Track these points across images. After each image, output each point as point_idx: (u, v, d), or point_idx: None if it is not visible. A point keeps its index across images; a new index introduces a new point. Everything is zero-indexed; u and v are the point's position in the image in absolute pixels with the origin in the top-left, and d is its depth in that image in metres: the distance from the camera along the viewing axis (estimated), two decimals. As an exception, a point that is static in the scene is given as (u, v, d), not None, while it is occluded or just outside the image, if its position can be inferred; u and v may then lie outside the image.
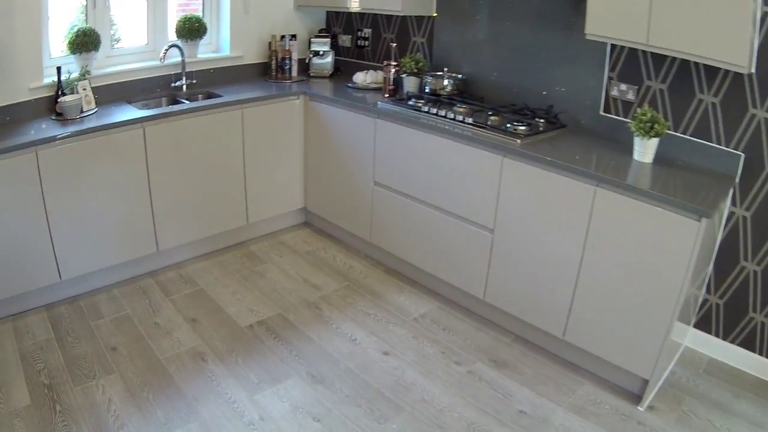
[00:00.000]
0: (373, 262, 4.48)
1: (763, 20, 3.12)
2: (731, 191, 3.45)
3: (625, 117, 3.76)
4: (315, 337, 3.53)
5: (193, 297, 4.04)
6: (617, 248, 3.15)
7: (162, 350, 3.46)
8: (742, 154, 3.44)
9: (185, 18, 4.67)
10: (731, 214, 3.57)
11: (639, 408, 3.24)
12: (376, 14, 4.92)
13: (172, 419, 2.93)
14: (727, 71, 3.36)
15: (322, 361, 3.34)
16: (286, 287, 4.10)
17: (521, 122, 3.74)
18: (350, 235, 4.66)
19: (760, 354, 3.69)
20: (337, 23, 5.24)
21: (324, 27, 5.24)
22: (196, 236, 4.47)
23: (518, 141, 3.51)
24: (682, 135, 3.59)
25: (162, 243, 4.26)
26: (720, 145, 3.51)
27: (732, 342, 3.77)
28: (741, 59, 2.98)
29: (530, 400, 3.21)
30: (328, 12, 5.33)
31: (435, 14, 4.54)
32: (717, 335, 3.82)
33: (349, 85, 4.67)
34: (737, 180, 3.47)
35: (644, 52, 3.63)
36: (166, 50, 4.47)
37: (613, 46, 3.75)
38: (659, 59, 3.60)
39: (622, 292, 3.19)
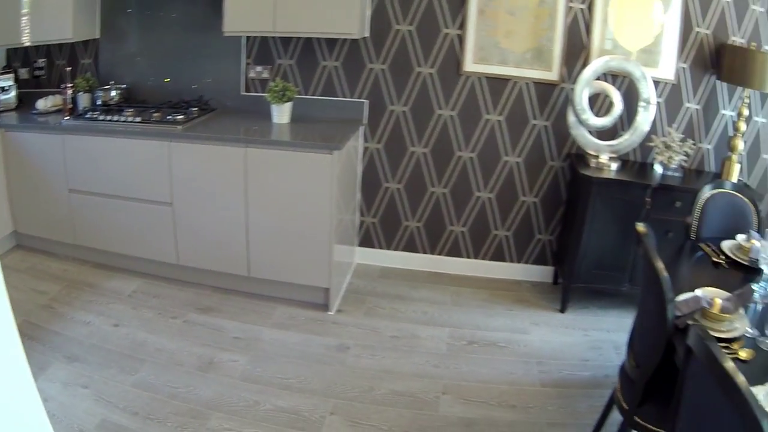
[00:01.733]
0: (80, 261, 5.22)
1: None
2: (362, 130, 4.73)
3: (264, 92, 4.76)
4: (58, 329, 4.17)
5: None
6: (274, 192, 4.18)
7: None
8: (366, 101, 4.72)
9: None
10: (366, 148, 4.88)
11: (329, 313, 4.33)
12: (48, 45, 5.62)
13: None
14: (344, 40, 4.60)
15: (71, 344, 3.91)
16: (20, 298, 4.78)
17: (178, 113, 4.62)
18: (59, 244, 5.32)
19: (423, 252, 5.07)
20: (15, 58, 5.87)
21: (6, 64, 5.84)
22: None
23: (179, 127, 4.37)
24: (312, 96, 4.77)
25: None
26: (346, 97, 4.75)
27: (396, 249, 5.09)
28: (353, 29, 4.23)
29: (240, 329, 4.11)
30: (7, 49, 5.91)
31: (98, 36, 5.37)
32: (381, 247, 5.11)
33: (33, 112, 5.34)
34: (365, 122, 4.79)
35: (273, 38, 4.71)
36: None
37: (248, 37, 4.79)
38: (286, 41, 4.70)
39: (287, 226, 4.22)
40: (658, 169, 4.45)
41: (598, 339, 4.28)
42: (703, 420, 1.93)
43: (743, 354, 2.25)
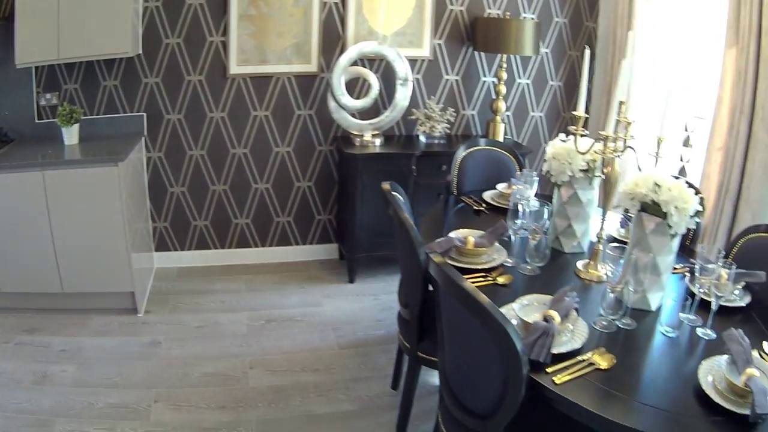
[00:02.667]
0: None
1: (144, 13, 4.93)
2: (143, 141, 5.16)
3: (55, 117, 5.02)
4: None
5: None
6: (72, 209, 4.54)
7: None
8: (145, 113, 5.17)
9: None
10: (150, 158, 5.37)
11: (139, 315, 4.77)
12: None
13: None
14: (121, 59, 5.01)
15: None
16: None
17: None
18: None
19: (215, 248, 5.65)
20: None
21: None
22: None
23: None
24: (97, 116, 5.11)
25: None
26: (127, 113, 5.14)
27: (189, 249, 5.63)
28: (125, 47, 4.69)
29: (64, 342, 4.43)
30: None
31: None
32: (176, 249, 5.60)
33: None
34: (146, 133, 5.27)
35: (59, 65, 5.00)
36: None
37: (37, 67, 5.03)
38: (70, 66, 5.00)
39: (89, 240, 4.61)
40: (423, 138, 5.31)
41: (388, 301, 5.08)
42: (460, 338, 2.56)
43: (501, 279, 2.95)
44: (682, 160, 4.72)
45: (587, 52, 3.22)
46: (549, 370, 2.25)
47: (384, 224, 4.92)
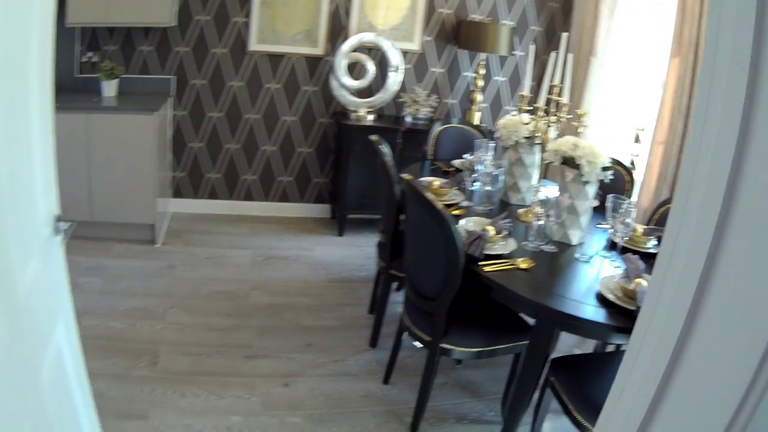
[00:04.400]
0: None
1: None
2: (170, 101, 6.14)
3: (94, 73, 5.91)
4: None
5: None
6: (111, 149, 5.43)
7: None
8: (173, 77, 6.17)
9: None
10: (175, 116, 6.37)
11: (156, 245, 5.68)
12: None
13: None
14: (158, 28, 5.94)
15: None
16: None
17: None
18: None
19: (224, 199, 6.58)
20: None
21: None
22: None
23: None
24: (132, 76, 6.06)
25: None
26: (158, 75, 6.11)
27: (201, 198, 6.60)
28: (164, 19, 5.60)
29: (89, 262, 5.29)
30: None
31: None
32: (189, 197, 6.55)
33: None
34: (174, 94, 6.27)
35: (102, 28, 5.92)
36: None
37: (82, 28, 5.92)
38: (112, 30, 5.92)
39: (121, 176, 5.50)
40: (408, 119, 6.31)
41: (369, 251, 5.98)
42: (419, 237, 3.45)
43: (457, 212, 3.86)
44: (632, 154, 5.63)
45: (532, 47, 4.25)
46: (480, 263, 3.17)
47: (371, 188, 5.97)
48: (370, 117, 6.24)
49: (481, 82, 6.40)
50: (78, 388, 2.35)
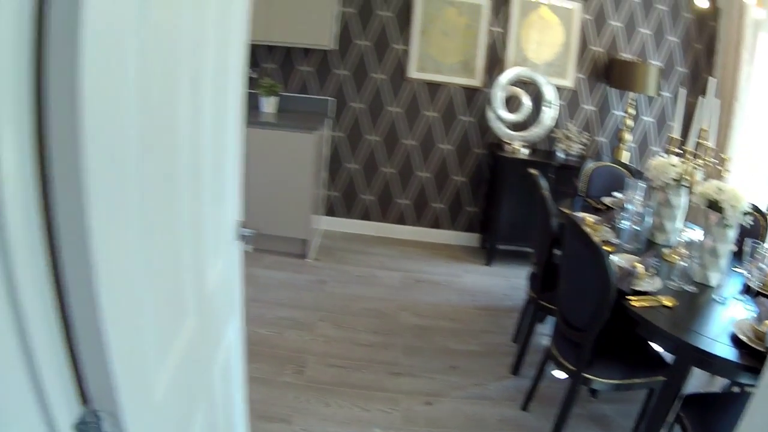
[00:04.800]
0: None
1: (341, 16, 6.29)
2: (330, 122, 6.59)
3: (253, 89, 6.36)
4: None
5: None
6: (269, 164, 5.88)
7: None
8: (332, 99, 6.63)
9: None
10: (332, 136, 6.75)
11: (308, 260, 6.10)
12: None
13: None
14: (318, 50, 6.42)
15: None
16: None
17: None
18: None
19: (376, 220, 6.96)
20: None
21: None
22: None
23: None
24: (291, 94, 6.56)
25: None
26: (317, 95, 6.58)
27: (354, 218, 6.98)
28: (326, 41, 6.05)
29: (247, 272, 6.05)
30: None
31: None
32: (342, 216, 6.97)
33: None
34: (333, 115, 6.67)
35: (261, 45, 6.45)
36: None
37: None
38: (272, 48, 6.45)
39: (277, 190, 5.96)
40: (560, 154, 6.48)
41: (516, 282, 6.19)
42: (573, 270, 3.71)
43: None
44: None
45: (682, 91, 4.44)
46: (628, 298, 3.38)
47: (522, 221, 6.18)
48: (525, 150, 6.46)
49: (630, 122, 6.54)
50: (238, 386, 2.64)
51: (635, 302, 3.34)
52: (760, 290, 3.60)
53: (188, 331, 1.78)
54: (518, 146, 6.42)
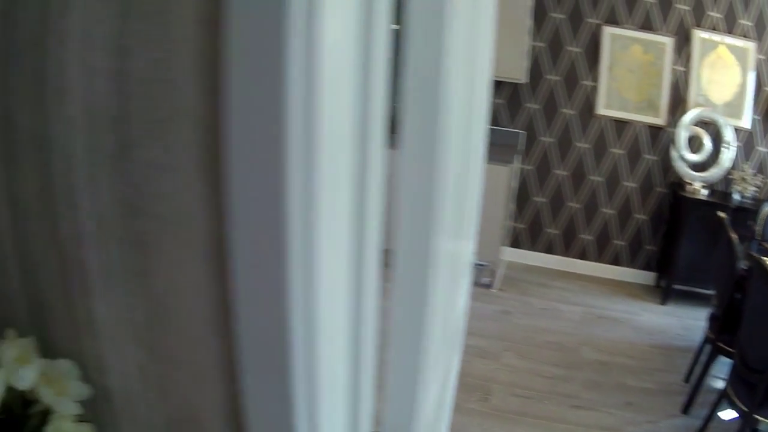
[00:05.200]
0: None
1: (532, 51, 6.80)
2: (519, 156, 7.16)
3: None
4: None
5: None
6: None
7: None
8: (523, 132, 7.15)
9: None
10: (521, 169, 7.27)
11: (493, 290, 6.65)
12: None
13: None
14: (508, 83, 6.94)
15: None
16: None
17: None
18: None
19: (559, 255, 7.45)
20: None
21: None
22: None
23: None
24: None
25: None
26: (508, 128, 7.13)
27: (537, 251, 7.48)
28: (519, 75, 6.61)
29: None
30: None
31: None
32: (526, 248, 7.50)
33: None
34: (523, 148, 7.18)
35: None
36: None
37: None
38: None
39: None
40: (736, 196, 6.75)
41: (690, 323, 6.49)
42: (757, 313, 4.04)
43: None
44: None
45: None
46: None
47: (701, 262, 6.42)
48: (704, 191, 6.70)
49: (803, 164, 6.65)
50: (446, 416, 2.77)
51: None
52: None
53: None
54: (699, 186, 6.70)
